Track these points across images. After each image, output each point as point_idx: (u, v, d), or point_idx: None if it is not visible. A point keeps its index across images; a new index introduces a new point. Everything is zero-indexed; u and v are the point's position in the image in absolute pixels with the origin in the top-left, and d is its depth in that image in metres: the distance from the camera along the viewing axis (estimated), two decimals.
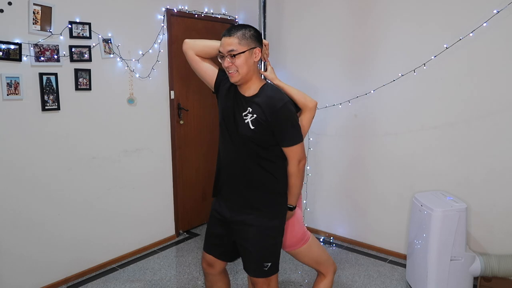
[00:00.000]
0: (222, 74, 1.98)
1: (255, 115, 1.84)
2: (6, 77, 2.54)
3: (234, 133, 1.90)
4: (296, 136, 1.89)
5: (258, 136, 1.85)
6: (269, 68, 2.13)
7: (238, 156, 1.92)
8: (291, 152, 1.90)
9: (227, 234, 2.03)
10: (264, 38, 2.28)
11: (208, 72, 2.00)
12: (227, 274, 2.22)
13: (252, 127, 1.84)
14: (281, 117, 1.83)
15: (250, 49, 1.82)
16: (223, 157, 2.00)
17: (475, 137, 2.91)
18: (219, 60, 1.87)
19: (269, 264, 1.95)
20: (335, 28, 3.50)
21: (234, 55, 1.79)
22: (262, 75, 2.09)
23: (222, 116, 1.97)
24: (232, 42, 1.79)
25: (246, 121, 1.86)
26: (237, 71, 1.82)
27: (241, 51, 1.79)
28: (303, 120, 2.04)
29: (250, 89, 1.89)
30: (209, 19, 3.83)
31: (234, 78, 1.84)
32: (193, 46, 1.99)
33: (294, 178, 1.95)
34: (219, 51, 1.85)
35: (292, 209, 2.03)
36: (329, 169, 3.71)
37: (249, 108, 1.86)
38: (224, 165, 1.99)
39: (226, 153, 1.98)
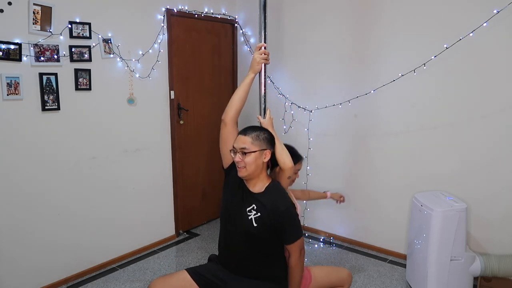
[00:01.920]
0: None
1: (259, 214, 1.96)
2: (6, 77, 2.54)
3: (236, 225, 2.00)
4: (298, 232, 1.98)
5: (260, 234, 1.96)
6: (267, 116, 2.22)
7: (238, 246, 2.03)
8: (294, 247, 1.97)
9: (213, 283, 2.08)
10: (264, 39, 2.27)
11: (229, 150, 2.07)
12: None
13: (255, 225, 1.95)
14: (284, 220, 1.94)
15: (261, 150, 1.96)
16: (225, 237, 2.11)
17: (475, 137, 2.91)
18: (231, 154, 1.99)
19: None
20: (335, 28, 3.50)
21: (245, 153, 1.93)
22: (260, 121, 2.22)
23: (226, 201, 2.08)
24: (246, 141, 1.95)
25: (250, 217, 1.95)
26: (245, 167, 1.94)
27: (252, 151, 1.94)
28: (281, 177, 2.14)
29: (256, 186, 2.01)
30: (209, 19, 3.83)
31: (241, 173, 1.96)
32: (227, 109, 2.11)
33: (296, 270, 2.01)
34: (233, 146, 1.98)
35: None
36: (329, 169, 3.71)
37: (253, 205, 1.96)
38: (225, 245, 2.11)
39: (227, 237, 2.09)
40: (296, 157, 2.40)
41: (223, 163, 2.16)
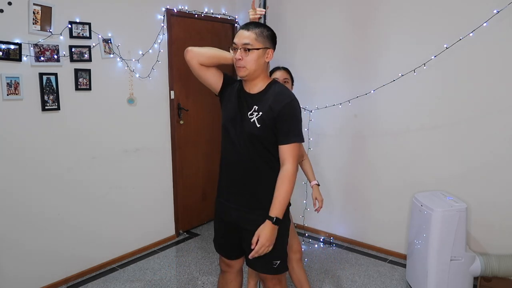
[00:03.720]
0: (227, 78, 1.97)
1: (260, 113, 1.81)
2: (6, 77, 2.54)
3: (240, 133, 1.86)
4: (300, 133, 1.81)
5: (264, 134, 1.81)
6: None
7: (244, 156, 1.86)
8: (290, 151, 1.78)
9: (234, 234, 1.98)
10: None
11: (214, 78, 1.95)
12: (242, 274, 2.19)
13: (258, 125, 1.80)
14: (288, 111, 1.78)
15: (265, 48, 1.81)
16: (228, 158, 1.94)
17: (475, 137, 2.91)
18: (230, 51, 1.86)
19: (278, 262, 1.90)
20: (335, 28, 3.50)
21: (248, 49, 1.78)
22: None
23: (226, 117, 1.93)
24: (250, 36, 1.78)
25: (252, 119, 1.82)
26: (245, 67, 1.79)
27: (256, 48, 1.78)
28: None
29: (257, 86, 1.86)
30: (209, 19, 3.83)
31: (241, 73, 1.82)
32: (198, 56, 1.92)
33: (287, 182, 1.78)
34: (234, 42, 1.82)
35: (274, 221, 1.77)
36: (329, 169, 3.71)
37: (254, 107, 1.83)
38: (229, 166, 1.94)
39: (230, 154, 1.92)
40: None
41: (214, 90, 1.98)
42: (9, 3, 2.52)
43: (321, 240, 3.76)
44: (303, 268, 2.49)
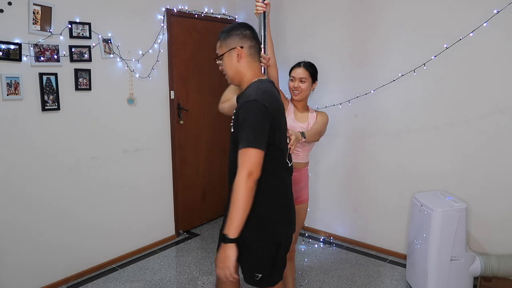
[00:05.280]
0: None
1: (233, 117, 1.74)
2: (6, 77, 2.54)
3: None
4: (249, 137, 1.56)
5: (237, 140, 1.66)
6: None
7: (229, 161, 1.80)
8: (240, 158, 1.57)
9: None
10: (264, 39, 2.27)
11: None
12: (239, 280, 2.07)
13: (232, 130, 1.75)
14: (241, 114, 1.62)
15: (229, 50, 1.75)
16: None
17: (475, 137, 2.91)
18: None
19: (260, 275, 1.78)
20: (335, 28, 3.50)
21: (218, 59, 1.79)
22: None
23: None
24: (217, 46, 1.80)
25: (231, 124, 1.78)
26: (226, 74, 1.81)
27: (221, 54, 1.78)
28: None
29: (242, 90, 1.82)
30: (209, 19, 3.83)
31: (228, 80, 1.83)
32: (223, 109, 2.07)
33: (235, 194, 1.55)
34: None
35: (227, 241, 1.56)
36: (329, 169, 3.71)
37: (234, 111, 1.76)
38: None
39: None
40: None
41: None
42: (9, 3, 2.53)
43: (321, 240, 3.76)
44: (291, 266, 2.53)
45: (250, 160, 1.55)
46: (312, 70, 2.50)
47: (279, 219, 1.78)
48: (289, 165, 1.86)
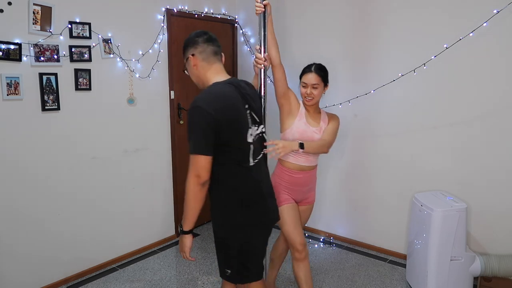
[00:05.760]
0: None
1: None
2: (6, 77, 2.54)
3: None
4: (193, 144, 1.70)
5: None
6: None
7: None
8: (190, 161, 1.73)
9: None
10: (264, 39, 2.27)
11: None
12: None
13: None
14: (188, 118, 1.72)
15: (186, 61, 1.88)
16: None
17: (475, 137, 2.91)
18: None
19: (229, 271, 1.94)
20: (335, 28, 3.50)
21: (185, 70, 1.93)
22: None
23: None
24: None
25: None
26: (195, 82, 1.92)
27: (184, 66, 1.92)
28: (274, 75, 2.34)
29: None
30: (209, 19, 3.83)
31: (198, 86, 1.92)
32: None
33: (186, 194, 1.81)
34: None
35: (182, 232, 1.87)
36: (329, 169, 3.71)
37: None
38: None
39: None
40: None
41: None
42: (9, 3, 2.52)
43: (321, 240, 3.76)
44: (301, 268, 2.42)
45: (196, 165, 1.70)
46: (323, 73, 2.47)
47: (243, 219, 1.85)
48: (251, 164, 1.84)
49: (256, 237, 1.92)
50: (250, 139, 1.83)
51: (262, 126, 1.96)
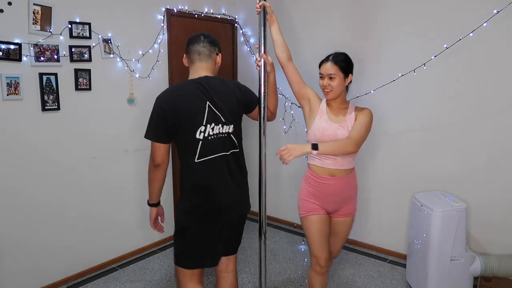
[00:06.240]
0: None
1: None
2: (6, 77, 2.54)
3: None
4: (147, 129, 1.91)
5: None
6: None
7: None
8: None
9: None
10: (264, 39, 2.27)
11: None
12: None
13: None
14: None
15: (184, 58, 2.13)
16: None
17: (475, 137, 2.91)
18: None
19: (175, 251, 2.09)
20: (335, 28, 3.50)
21: None
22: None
23: None
24: None
25: None
26: None
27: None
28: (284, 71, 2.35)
29: None
30: (209, 19, 3.83)
31: None
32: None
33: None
34: None
35: (148, 204, 2.12)
36: None
37: None
38: None
39: None
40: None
41: None
42: (9, 3, 2.53)
43: None
44: (318, 280, 2.28)
45: (151, 148, 1.91)
46: (342, 63, 2.17)
47: (185, 208, 1.96)
48: (196, 160, 1.88)
49: (200, 227, 1.95)
50: (199, 136, 1.86)
51: (229, 126, 1.93)
